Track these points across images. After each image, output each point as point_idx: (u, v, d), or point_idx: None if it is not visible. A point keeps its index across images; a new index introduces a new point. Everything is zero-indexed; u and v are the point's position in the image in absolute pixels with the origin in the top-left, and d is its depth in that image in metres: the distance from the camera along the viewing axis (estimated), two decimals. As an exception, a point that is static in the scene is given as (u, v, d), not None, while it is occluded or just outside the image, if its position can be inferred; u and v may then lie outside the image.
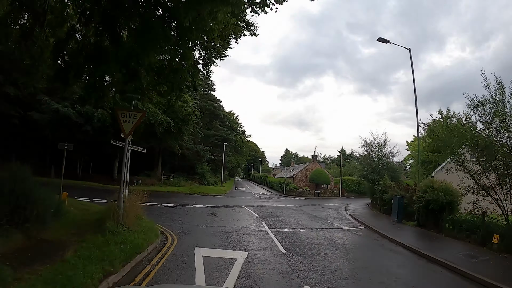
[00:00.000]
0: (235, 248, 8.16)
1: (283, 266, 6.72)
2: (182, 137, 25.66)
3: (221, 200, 21.78)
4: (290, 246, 8.75)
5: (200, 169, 38.79)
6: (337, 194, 41.97)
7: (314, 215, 17.15)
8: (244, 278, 5.76)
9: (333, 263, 7.26)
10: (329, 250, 8.68)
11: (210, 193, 25.96)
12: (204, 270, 5.96)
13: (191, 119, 25.49)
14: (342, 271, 6.71)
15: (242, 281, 5.60)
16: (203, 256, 6.81)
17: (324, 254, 8.15)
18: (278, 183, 43.68)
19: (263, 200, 27.08)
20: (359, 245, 10.40)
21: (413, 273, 7.55)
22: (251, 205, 20.16)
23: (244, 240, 9.23)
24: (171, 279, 5.57)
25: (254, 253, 7.66)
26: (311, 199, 34.82)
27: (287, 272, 6.33)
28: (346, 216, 17.98)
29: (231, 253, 7.42)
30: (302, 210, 19.69)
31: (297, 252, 8.07)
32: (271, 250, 8.18)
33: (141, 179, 28.20)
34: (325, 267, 6.91)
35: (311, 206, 23.06)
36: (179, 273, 5.85)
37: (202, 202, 19.07)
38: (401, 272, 7.24)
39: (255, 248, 8.24)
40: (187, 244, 8.05)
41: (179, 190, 24.44)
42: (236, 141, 63.85)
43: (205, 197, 22.95)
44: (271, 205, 21.24)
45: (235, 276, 5.80)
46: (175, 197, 20.66)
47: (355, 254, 8.60)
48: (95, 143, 25.84)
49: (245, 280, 5.68)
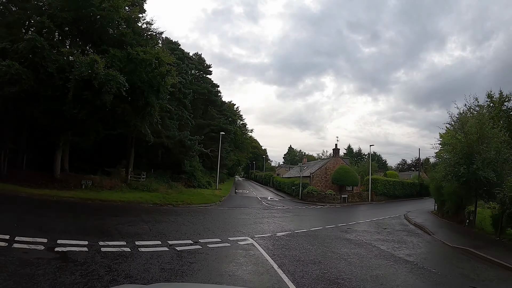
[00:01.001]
0: None
1: None
2: (151, 114, 16.17)
3: (208, 221, 12.13)
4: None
5: (188, 166, 29.20)
6: (366, 198, 32.47)
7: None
8: None
9: None
10: None
11: (195, 203, 16.31)
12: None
13: (164, 84, 15.87)
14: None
15: None
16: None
17: None
18: (289, 184, 34.09)
19: (277, 213, 17.52)
20: None
21: None
22: (263, 231, 10.63)
23: None
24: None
25: None
26: (340, 207, 25.24)
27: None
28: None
29: None
30: (388, 248, 10.10)
31: None
32: None
33: (92, 180, 18.68)
34: None
35: (375, 227, 13.52)
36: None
37: (163, 230, 9.49)
38: None
39: None
40: None
41: (141, 199, 14.84)
42: (236, 135, 54.32)
43: (180, 214, 13.31)
44: (299, 230, 11.58)
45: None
46: (116, 216, 11.15)
47: None
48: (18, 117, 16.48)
49: None
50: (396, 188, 36.58)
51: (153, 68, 15.70)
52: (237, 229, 10.09)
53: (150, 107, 16.16)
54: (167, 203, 15.00)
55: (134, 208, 13.33)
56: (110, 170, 21.25)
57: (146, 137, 19.14)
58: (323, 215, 18.14)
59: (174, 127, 25.90)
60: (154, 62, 15.50)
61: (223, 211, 15.67)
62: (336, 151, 34.69)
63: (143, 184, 19.15)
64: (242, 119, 65.37)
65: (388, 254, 8.69)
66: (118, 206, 13.67)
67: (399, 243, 10.73)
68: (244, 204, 20.90)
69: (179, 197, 16.87)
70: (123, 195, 15.49)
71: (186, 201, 16.16)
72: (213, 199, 19.37)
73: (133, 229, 8.91)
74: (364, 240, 10.41)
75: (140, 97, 16.11)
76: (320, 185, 32.30)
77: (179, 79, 26.30)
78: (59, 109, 15.70)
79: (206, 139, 38.05)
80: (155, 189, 18.34)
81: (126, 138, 25.30)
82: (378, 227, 14.21)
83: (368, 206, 28.10)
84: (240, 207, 18.56)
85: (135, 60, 15.65)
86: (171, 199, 15.96)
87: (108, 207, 13.18)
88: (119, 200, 14.35)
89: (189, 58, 39.94)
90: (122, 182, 20.19)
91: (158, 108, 17.21)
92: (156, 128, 21.97)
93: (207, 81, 45.10)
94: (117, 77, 13.18)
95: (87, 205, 13.27)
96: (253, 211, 16.84)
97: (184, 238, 8.15)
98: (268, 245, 8.11)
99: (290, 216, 15.83)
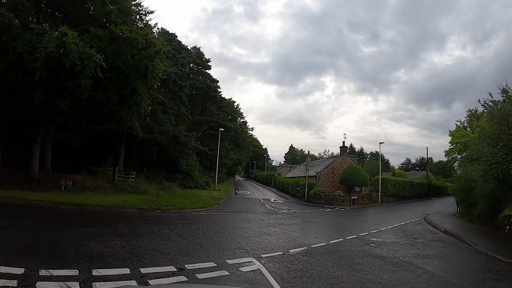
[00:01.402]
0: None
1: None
2: (138, 104, 13.82)
3: (201, 233, 9.70)
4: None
5: (185, 165, 26.88)
6: (376, 199, 30.17)
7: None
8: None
9: None
10: None
11: (188, 208, 13.90)
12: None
13: (153, 68, 13.48)
14: None
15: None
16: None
17: None
18: (294, 184, 31.74)
19: (284, 219, 15.23)
20: None
21: None
22: (271, 247, 8.30)
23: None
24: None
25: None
26: (351, 209, 22.92)
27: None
28: None
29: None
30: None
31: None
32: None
33: (74, 180, 16.41)
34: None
35: (402, 236, 11.18)
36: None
37: (139, 248, 7.14)
38: None
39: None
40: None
41: (125, 203, 12.46)
42: (236, 133, 51.94)
43: (168, 222, 10.90)
44: (316, 244, 9.24)
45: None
46: (85, 226, 8.82)
47: None
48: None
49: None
50: (406, 188, 34.37)
51: (140, 50, 13.38)
52: (238, 245, 7.75)
53: (137, 95, 13.81)
54: (155, 208, 12.65)
55: (113, 214, 11.00)
56: (95, 169, 18.93)
57: (134, 131, 16.78)
58: (336, 220, 15.83)
59: (169, 122, 23.56)
60: (141, 42, 13.18)
61: (221, 217, 13.32)
62: (344, 149, 32.33)
63: (130, 185, 16.81)
64: (242, 116, 63.08)
65: (444, 280, 6.40)
66: (95, 212, 11.35)
67: (443, 260, 8.45)
68: (245, 208, 18.56)
69: (170, 200, 14.53)
70: (104, 198, 13.16)
71: (178, 205, 13.78)
72: (210, 202, 16.99)
73: (98, 247, 6.61)
74: (401, 258, 8.09)
75: (124, 84, 13.78)
76: (326, 185, 29.97)
77: (175, 70, 24.02)
78: (30, 97, 13.42)
79: (204, 137, 35.75)
80: (143, 191, 16.01)
81: (116, 134, 23.05)
82: (406, 236, 11.91)
83: (380, 208, 25.81)
84: (241, 212, 16.22)
85: (118, 40, 13.32)
86: (161, 202, 13.63)
87: (82, 213, 10.87)
88: (97, 205, 12.02)
89: (187, 50, 37.56)
90: (108, 182, 17.89)
91: (147, 97, 14.89)
92: (147, 122, 19.65)
93: (206, 75, 42.80)
94: (92, 55, 10.83)
95: (57, 210, 10.98)
96: (256, 217, 14.49)
97: (165, 263, 5.82)
98: (282, 273, 5.80)
99: (299, 223, 13.49)
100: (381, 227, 13.81)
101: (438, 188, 41.82)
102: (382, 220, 16.84)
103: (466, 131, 40.76)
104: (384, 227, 13.87)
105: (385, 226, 14.18)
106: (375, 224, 14.58)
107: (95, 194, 14.84)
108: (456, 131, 41.88)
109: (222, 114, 40.97)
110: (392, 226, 14.40)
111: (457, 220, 18.00)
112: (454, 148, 40.15)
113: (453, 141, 40.37)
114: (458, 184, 17.80)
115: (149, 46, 13.33)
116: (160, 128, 21.22)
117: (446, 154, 43.03)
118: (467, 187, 16.77)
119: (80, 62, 10.81)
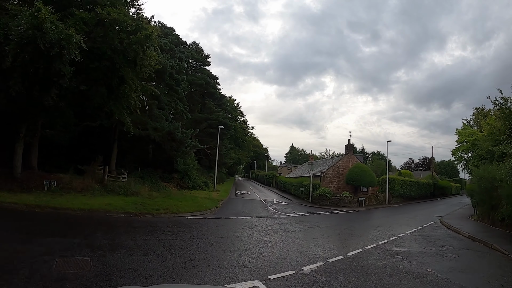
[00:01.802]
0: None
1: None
2: (127, 94, 12.32)
3: (194, 244, 8.09)
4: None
5: (182, 164, 25.40)
6: (383, 200, 28.70)
7: None
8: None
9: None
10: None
11: (183, 212, 12.36)
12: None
13: (143, 55, 11.98)
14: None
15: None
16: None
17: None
18: (297, 185, 30.24)
19: (290, 223, 13.77)
20: None
21: None
22: (280, 263, 6.83)
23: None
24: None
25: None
26: (359, 211, 21.43)
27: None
28: None
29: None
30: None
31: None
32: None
33: (59, 180, 14.98)
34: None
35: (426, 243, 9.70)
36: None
37: (112, 268, 5.65)
38: None
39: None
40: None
41: (110, 207, 10.98)
42: (236, 131, 50.48)
43: (157, 230, 9.38)
44: (333, 257, 7.77)
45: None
46: (56, 235, 7.42)
47: None
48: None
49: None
50: (412, 188, 33.04)
51: (129, 34, 11.89)
52: (238, 261, 6.24)
53: (126, 85, 12.31)
54: (144, 212, 11.15)
55: (95, 220, 9.51)
56: (83, 168, 17.46)
57: (125, 127, 15.29)
58: (348, 225, 14.33)
59: (164, 119, 22.07)
60: (130, 24, 11.69)
61: (220, 222, 11.80)
62: (349, 147, 30.82)
63: (120, 185, 15.32)
64: (243, 115, 61.64)
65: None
66: (74, 216, 9.87)
67: (485, 274, 6.98)
68: (246, 210, 17.05)
69: (163, 203, 13.03)
70: (87, 201, 11.69)
71: (171, 208, 12.28)
72: (208, 204, 15.47)
73: (61, 267, 5.14)
74: (437, 274, 6.62)
75: (112, 72, 12.30)
76: (332, 185, 28.50)
77: (171, 63, 22.53)
78: (6, 86, 11.96)
79: (203, 135, 34.27)
80: (134, 192, 14.53)
81: (109, 131, 21.61)
82: (430, 243, 10.44)
83: (389, 210, 24.32)
84: (242, 215, 14.71)
85: (105, 23, 11.84)
86: (152, 206, 12.13)
87: (58, 218, 9.41)
88: (78, 208, 10.54)
89: (185, 45, 36.09)
90: (97, 183, 16.42)
91: (138, 88, 13.40)
92: (140, 117, 18.19)
93: (205, 72, 41.31)
94: (70, 35, 9.35)
95: (31, 215, 9.51)
96: (259, 221, 12.98)
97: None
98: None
99: (308, 229, 11.99)
100: (398, 232, 12.34)
101: (443, 188, 40.73)
102: (396, 223, 15.37)
103: (473, 129, 39.33)
104: (401, 232, 12.40)
105: (402, 231, 12.70)
106: (391, 229, 13.10)
107: (80, 195, 13.38)
108: (463, 130, 40.44)
109: (221, 111, 39.50)
110: (410, 231, 12.94)
111: (477, 224, 16.52)
112: (461, 147, 38.75)
113: (460, 140, 38.96)
114: (479, 184, 16.29)
115: (139, 29, 11.85)
116: (155, 124, 19.74)
117: (453, 153, 41.57)
118: (489, 188, 15.30)
119: (57, 43, 9.34)
